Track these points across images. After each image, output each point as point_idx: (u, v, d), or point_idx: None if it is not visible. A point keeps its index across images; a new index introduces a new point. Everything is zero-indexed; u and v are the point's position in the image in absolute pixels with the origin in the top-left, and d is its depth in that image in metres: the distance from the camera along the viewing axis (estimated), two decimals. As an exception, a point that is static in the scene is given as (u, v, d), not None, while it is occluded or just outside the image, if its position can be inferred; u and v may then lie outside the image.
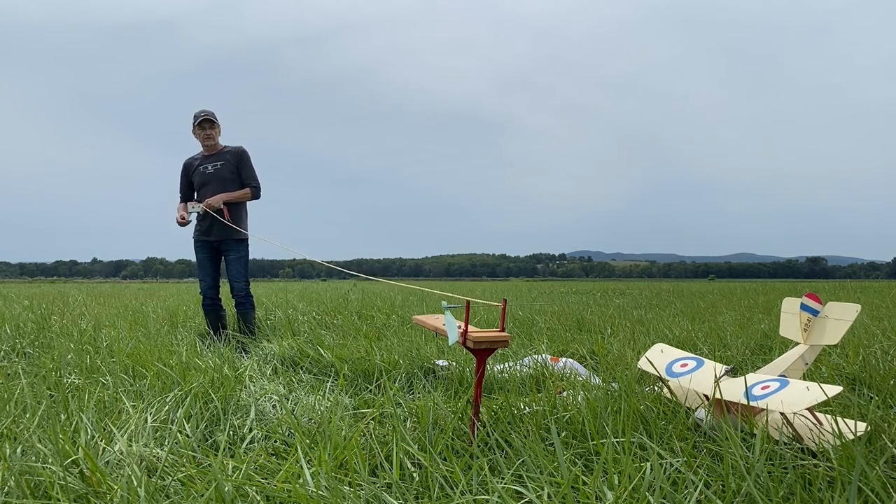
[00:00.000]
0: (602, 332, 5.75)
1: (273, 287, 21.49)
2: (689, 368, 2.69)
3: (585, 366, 4.15)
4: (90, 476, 1.90)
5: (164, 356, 3.84)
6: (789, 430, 2.14)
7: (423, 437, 2.31)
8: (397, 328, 6.05)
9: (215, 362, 3.57)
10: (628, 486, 1.71)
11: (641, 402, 2.60)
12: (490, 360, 3.87)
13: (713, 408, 2.34)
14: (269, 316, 7.05)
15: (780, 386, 2.22)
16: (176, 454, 2.22)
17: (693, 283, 43.07)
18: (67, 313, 7.67)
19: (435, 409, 2.58)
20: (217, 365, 3.45)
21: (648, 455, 1.89)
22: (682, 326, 6.04)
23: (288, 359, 4.33)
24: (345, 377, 3.61)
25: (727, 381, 2.47)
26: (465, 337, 2.17)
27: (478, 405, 2.28)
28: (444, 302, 2.23)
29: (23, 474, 1.91)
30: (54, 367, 3.61)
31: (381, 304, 9.13)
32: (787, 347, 4.33)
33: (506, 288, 25.09)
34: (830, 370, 3.50)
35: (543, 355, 3.98)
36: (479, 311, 7.27)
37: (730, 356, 4.23)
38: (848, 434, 2.06)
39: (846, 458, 1.85)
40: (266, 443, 2.44)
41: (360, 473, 1.94)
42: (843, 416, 2.45)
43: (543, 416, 2.50)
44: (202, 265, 5.41)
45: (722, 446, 1.98)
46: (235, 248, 5.33)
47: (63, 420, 2.48)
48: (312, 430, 2.41)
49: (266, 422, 2.66)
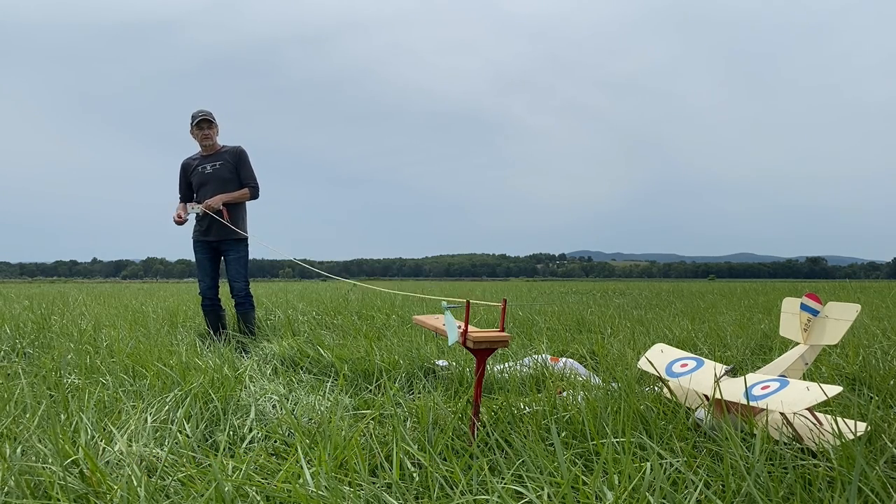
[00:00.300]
0: (602, 332, 5.75)
1: (273, 287, 21.49)
2: (689, 368, 2.69)
3: (585, 366, 4.15)
4: (90, 476, 1.90)
5: (164, 356, 3.84)
6: (789, 430, 2.14)
7: (423, 437, 2.31)
8: (397, 328, 6.05)
9: (215, 362, 3.57)
10: (628, 486, 1.71)
11: (641, 402, 2.60)
12: (490, 360, 3.87)
13: (713, 408, 2.34)
14: (268, 316, 7.06)
15: (780, 386, 2.22)
16: (176, 454, 2.22)
17: (693, 283, 43.08)
18: (67, 313, 7.67)
19: (435, 409, 2.58)
20: (217, 365, 3.45)
21: (648, 455, 1.89)
22: (682, 326, 6.04)
23: (288, 359, 4.33)
24: (345, 377, 3.60)
25: (727, 381, 2.47)
26: (465, 337, 2.17)
27: (478, 405, 2.28)
28: (443, 302, 2.23)
29: (23, 474, 1.91)
30: (54, 367, 3.61)
31: (381, 304, 9.13)
32: (787, 347, 4.33)
33: (506, 288, 25.09)
34: (830, 370, 3.50)
35: (543, 355, 3.98)
36: (479, 312, 7.27)
37: (730, 356, 4.23)
38: (848, 434, 2.06)
39: (846, 458, 1.85)
40: (266, 443, 2.44)
41: (360, 473, 1.94)
42: (843, 416, 2.45)
43: (543, 416, 2.50)
44: (201, 265, 5.40)
45: (722, 446, 1.98)
46: (235, 249, 5.33)
47: (63, 420, 2.48)
48: (312, 430, 2.41)
49: (266, 422, 2.66)
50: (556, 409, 2.57)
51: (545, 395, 2.79)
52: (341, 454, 2.10)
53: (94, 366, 3.71)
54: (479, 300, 2.40)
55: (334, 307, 8.48)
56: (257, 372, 3.72)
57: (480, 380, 2.27)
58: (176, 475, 1.97)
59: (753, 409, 2.28)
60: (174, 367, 3.45)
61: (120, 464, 2.11)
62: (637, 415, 2.42)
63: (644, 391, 2.88)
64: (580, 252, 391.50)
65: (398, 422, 2.40)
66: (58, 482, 1.85)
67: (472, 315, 6.89)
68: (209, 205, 5.19)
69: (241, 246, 5.35)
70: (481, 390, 2.31)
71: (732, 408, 2.34)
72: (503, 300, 2.21)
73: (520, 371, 3.61)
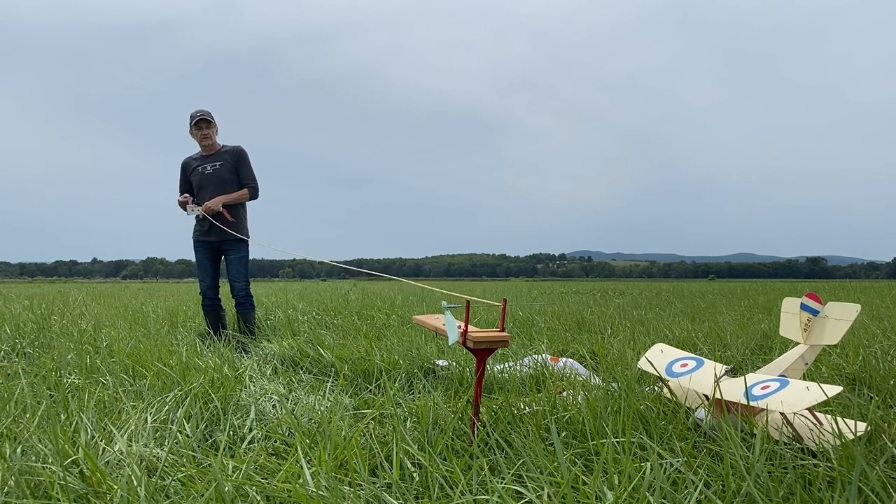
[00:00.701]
0: (602, 332, 5.75)
1: (273, 287, 21.48)
2: (689, 368, 2.69)
3: (585, 366, 4.15)
4: (90, 476, 1.90)
5: (164, 356, 3.84)
6: (789, 430, 2.14)
7: (423, 438, 2.31)
8: (397, 328, 6.05)
9: (215, 362, 3.57)
10: (628, 486, 1.71)
11: (641, 402, 2.60)
12: (490, 360, 3.87)
13: (713, 408, 2.34)
14: (269, 316, 7.06)
15: (780, 386, 2.22)
16: (176, 454, 2.22)
17: (693, 283, 43.09)
18: (67, 313, 7.67)
19: (435, 409, 2.58)
20: (217, 365, 3.45)
21: (648, 455, 1.89)
22: (682, 326, 6.04)
23: (288, 359, 4.33)
24: (345, 377, 3.61)
25: (727, 381, 2.47)
26: (465, 337, 2.17)
27: (478, 405, 2.28)
28: (443, 302, 2.23)
29: (23, 474, 1.91)
30: (54, 367, 3.61)
31: (381, 304, 9.13)
32: (787, 347, 4.33)
33: (506, 288, 25.09)
34: (830, 370, 3.50)
35: (543, 355, 3.98)
36: (480, 311, 7.27)
37: (730, 356, 4.23)
38: (848, 434, 2.06)
39: (846, 457, 1.85)
40: (266, 443, 2.44)
41: (360, 473, 1.94)
42: (843, 416, 2.45)
43: (543, 416, 2.50)
44: (202, 265, 5.41)
45: (722, 446, 1.98)
46: (236, 249, 5.33)
47: (63, 420, 2.48)
48: (312, 430, 2.41)
49: (266, 422, 2.66)
50: (556, 408, 2.57)
51: (545, 395, 2.79)
52: (341, 454, 2.10)
53: (94, 366, 3.71)
54: (479, 299, 2.41)
55: (334, 307, 8.48)
56: (257, 372, 3.72)
57: (480, 380, 2.27)
58: (176, 475, 1.97)
59: (753, 409, 2.28)
60: (174, 366, 3.45)
61: (120, 464, 2.11)
62: (637, 415, 2.42)
63: (644, 391, 2.88)
64: (580, 252, 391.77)
65: (398, 422, 2.40)
66: (58, 482, 1.85)
67: (472, 315, 6.88)
68: (209, 207, 5.19)
69: (241, 246, 5.36)
70: (481, 390, 2.31)
71: (732, 408, 2.34)
72: (503, 300, 2.21)
73: (520, 371, 3.61)
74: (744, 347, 4.60)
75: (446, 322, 2.18)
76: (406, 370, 3.72)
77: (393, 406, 2.71)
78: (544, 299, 13.14)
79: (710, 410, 2.33)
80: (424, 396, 2.95)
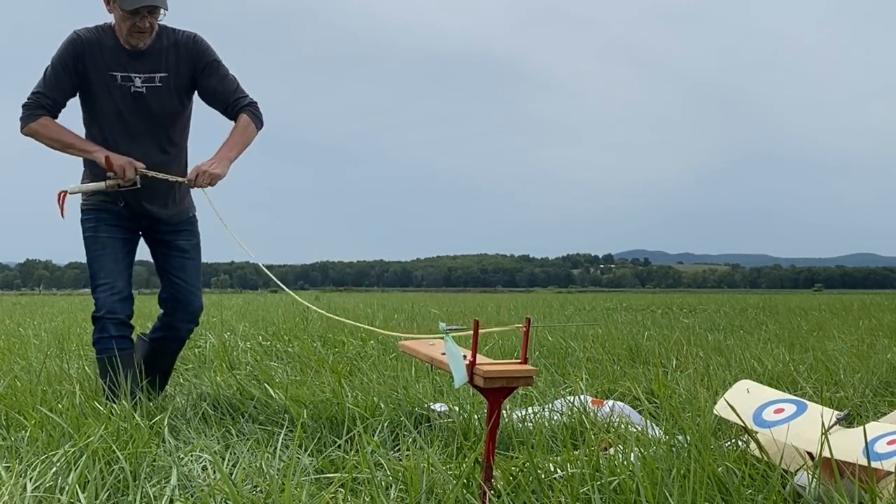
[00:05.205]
0: (664, 365, 5.76)
1: (204, 300, 21.48)
2: (787, 415, 2.70)
3: (640, 411, 4.16)
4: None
5: (51, 399, 3.85)
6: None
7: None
8: (377, 358, 6.05)
9: (122, 407, 3.58)
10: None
11: (719, 462, 2.61)
12: (507, 404, 3.88)
13: (820, 470, 2.34)
14: (197, 342, 7.06)
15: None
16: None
17: (792, 294, 43.16)
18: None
19: (430, 473, 2.59)
20: (124, 411, 3.45)
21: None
22: (777, 356, 6.05)
23: (224, 401, 4.33)
24: (303, 427, 3.61)
25: (840, 432, 2.47)
26: (473, 371, 2.17)
27: (490, 467, 2.29)
28: (442, 323, 2.24)
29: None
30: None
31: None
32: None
33: (529, 302, 25.13)
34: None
35: (582, 397, 3.99)
36: (493, 336, 7.28)
37: (843, 398, 4.24)
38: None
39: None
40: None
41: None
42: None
43: (582, 482, 2.50)
44: (110, 255, 4.28)
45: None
46: (188, 234, 4.55)
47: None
48: (258, 502, 2.41)
49: (193, 490, 2.67)
50: (600, 472, 2.57)
51: (584, 453, 2.80)
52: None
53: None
54: (491, 320, 2.41)
55: (288, 329, 8.50)
56: (181, 420, 3.72)
57: (494, 431, 2.28)
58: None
59: (876, 473, 2.28)
60: (65, 412, 3.45)
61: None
62: (713, 480, 2.42)
63: (723, 447, 2.88)
64: (633, 252, 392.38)
65: (378, 490, 2.41)
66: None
67: (483, 341, 6.89)
68: (208, 174, 4.49)
69: (195, 230, 5.16)
70: (494, 446, 2.31)
71: (847, 470, 2.34)
72: (526, 320, 2.21)
73: (549, 419, 3.61)
74: (863, 386, 4.60)
75: (447, 351, 2.18)
76: (389, 417, 3.73)
77: (371, 468, 2.72)
78: (582, 318, 13.16)
79: (817, 474, 2.33)
80: (415, 454, 2.96)
